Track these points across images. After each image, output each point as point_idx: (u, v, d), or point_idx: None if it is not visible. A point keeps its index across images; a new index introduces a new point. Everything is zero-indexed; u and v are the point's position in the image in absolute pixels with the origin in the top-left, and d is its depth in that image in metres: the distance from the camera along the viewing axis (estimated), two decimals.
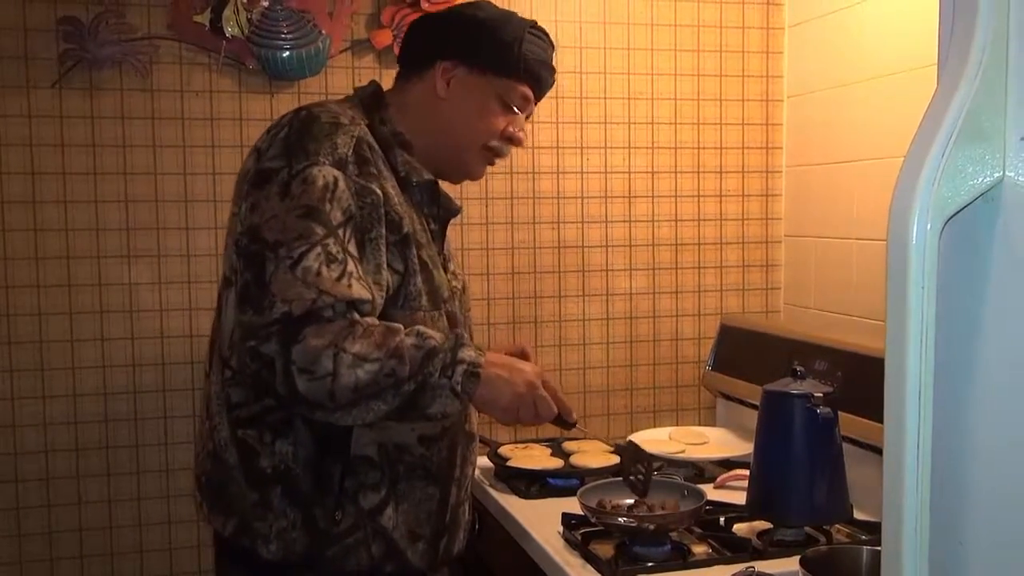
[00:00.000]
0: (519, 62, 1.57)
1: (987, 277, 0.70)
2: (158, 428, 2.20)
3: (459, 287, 1.65)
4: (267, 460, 1.45)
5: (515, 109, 1.60)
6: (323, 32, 2.21)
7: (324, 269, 1.33)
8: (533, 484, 2.01)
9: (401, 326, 1.38)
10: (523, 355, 1.74)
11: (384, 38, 2.25)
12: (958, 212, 0.68)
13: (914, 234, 0.66)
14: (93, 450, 2.16)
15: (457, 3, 1.68)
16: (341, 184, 1.39)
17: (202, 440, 1.54)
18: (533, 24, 1.61)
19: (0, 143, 2.07)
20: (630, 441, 1.84)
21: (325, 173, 1.39)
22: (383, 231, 1.43)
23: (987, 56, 0.67)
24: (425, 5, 2.24)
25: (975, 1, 0.67)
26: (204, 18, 2.13)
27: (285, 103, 2.19)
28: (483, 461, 2.10)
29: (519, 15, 1.63)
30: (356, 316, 1.35)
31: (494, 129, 1.60)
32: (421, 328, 1.40)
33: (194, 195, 2.18)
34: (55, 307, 2.12)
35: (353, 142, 1.44)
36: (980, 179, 0.68)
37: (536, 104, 1.66)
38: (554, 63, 1.65)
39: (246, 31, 2.15)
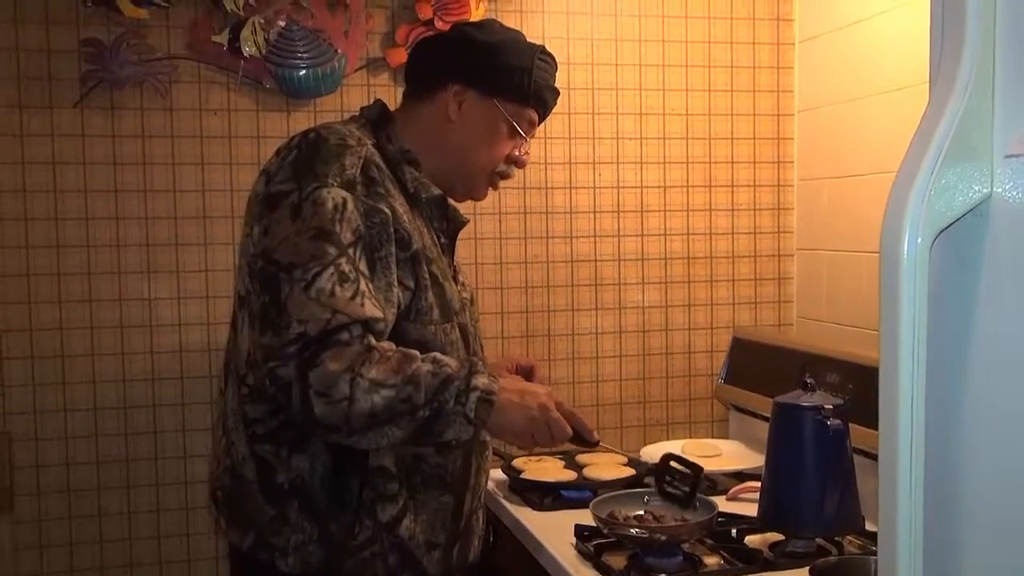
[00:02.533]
0: (530, 89, 1.61)
1: (977, 289, 0.72)
2: (177, 441, 2.23)
3: (468, 298, 1.67)
4: (284, 475, 1.47)
5: (522, 133, 1.64)
6: (339, 51, 2.24)
7: (337, 289, 1.35)
8: (546, 496, 2.02)
9: (418, 353, 1.40)
10: (530, 372, 1.77)
11: (399, 56, 2.28)
12: (948, 226, 0.70)
13: (905, 248, 0.68)
14: (113, 463, 2.20)
15: (462, 22, 1.73)
16: (350, 205, 1.42)
17: (218, 456, 1.56)
18: (542, 49, 1.65)
19: (24, 161, 2.12)
20: (668, 455, 1.83)
21: (334, 195, 1.41)
22: (393, 249, 1.45)
23: (974, 77, 0.69)
24: (439, 24, 2.27)
25: (962, 24, 0.69)
26: (222, 38, 2.17)
27: (302, 121, 2.22)
28: (497, 474, 2.12)
29: (525, 38, 1.66)
30: (372, 340, 1.37)
31: (502, 153, 1.64)
32: (437, 355, 1.42)
33: (212, 211, 2.22)
34: (76, 322, 2.16)
35: (361, 163, 1.46)
36: (969, 195, 0.70)
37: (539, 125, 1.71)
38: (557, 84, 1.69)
39: (263, 51, 2.19)
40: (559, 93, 1.69)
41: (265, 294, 1.39)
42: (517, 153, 1.65)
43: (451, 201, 1.72)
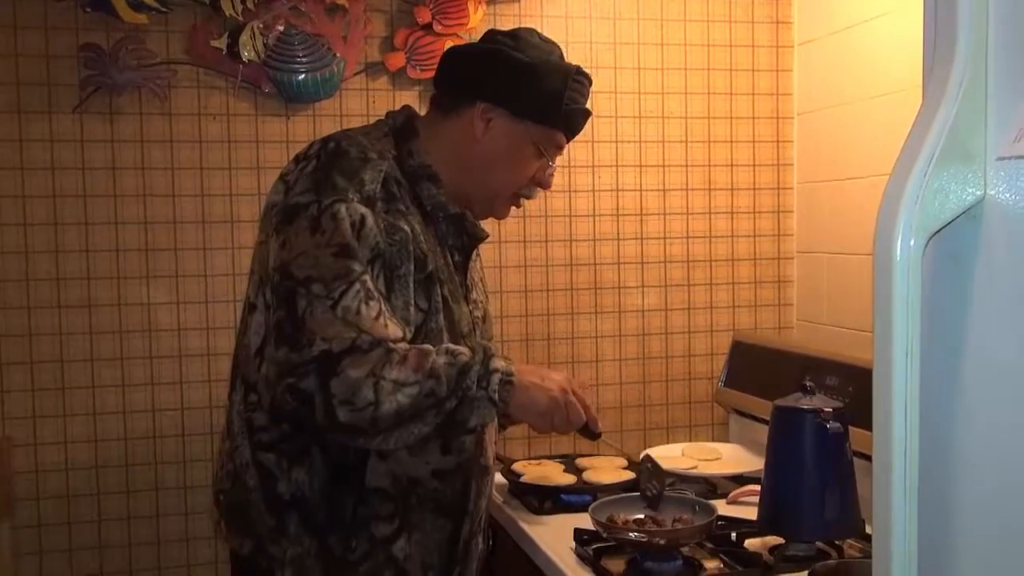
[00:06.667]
0: (561, 113, 1.55)
1: (971, 291, 0.72)
2: (176, 446, 2.23)
3: (480, 316, 1.64)
4: (284, 486, 1.46)
5: (548, 156, 1.59)
6: (337, 55, 2.25)
7: (363, 307, 1.35)
8: (546, 500, 2.02)
9: (431, 347, 1.40)
10: None
11: (397, 60, 2.28)
12: (942, 229, 0.70)
13: (898, 250, 0.68)
14: (112, 468, 2.20)
15: (496, 32, 1.61)
16: (369, 221, 1.40)
17: (222, 459, 1.55)
18: (577, 70, 1.58)
19: (23, 167, 2.12)
20: (646, 456, 1.85)
21: (352, 211, 1.39)
22: (412, 268, 1.44)
23: (967, 79, 0.69)
24: (438, 28, 2.28)
25: (955, 26, 0.69)
26: (221, 43, 2.18)
27: (301, 125, 2.23)
28: (497, 477, 2.12)
29: (562, 54, 1.59)
30: (391, 344, 1.37)
31: (526, 175, 1.59)
32: (449, 345, 1.43)
33: (211, 216, 2.22)
34: (76, 327, 2.16)
35: (381, 177, 1.44)
36: (962, 197, 0.70)
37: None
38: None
39: (262, 55, 2.19)
40: (590, 114, 1.62)
41: (281, 309, 1.37)
42: (541, 174, 1.61)
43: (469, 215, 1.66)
